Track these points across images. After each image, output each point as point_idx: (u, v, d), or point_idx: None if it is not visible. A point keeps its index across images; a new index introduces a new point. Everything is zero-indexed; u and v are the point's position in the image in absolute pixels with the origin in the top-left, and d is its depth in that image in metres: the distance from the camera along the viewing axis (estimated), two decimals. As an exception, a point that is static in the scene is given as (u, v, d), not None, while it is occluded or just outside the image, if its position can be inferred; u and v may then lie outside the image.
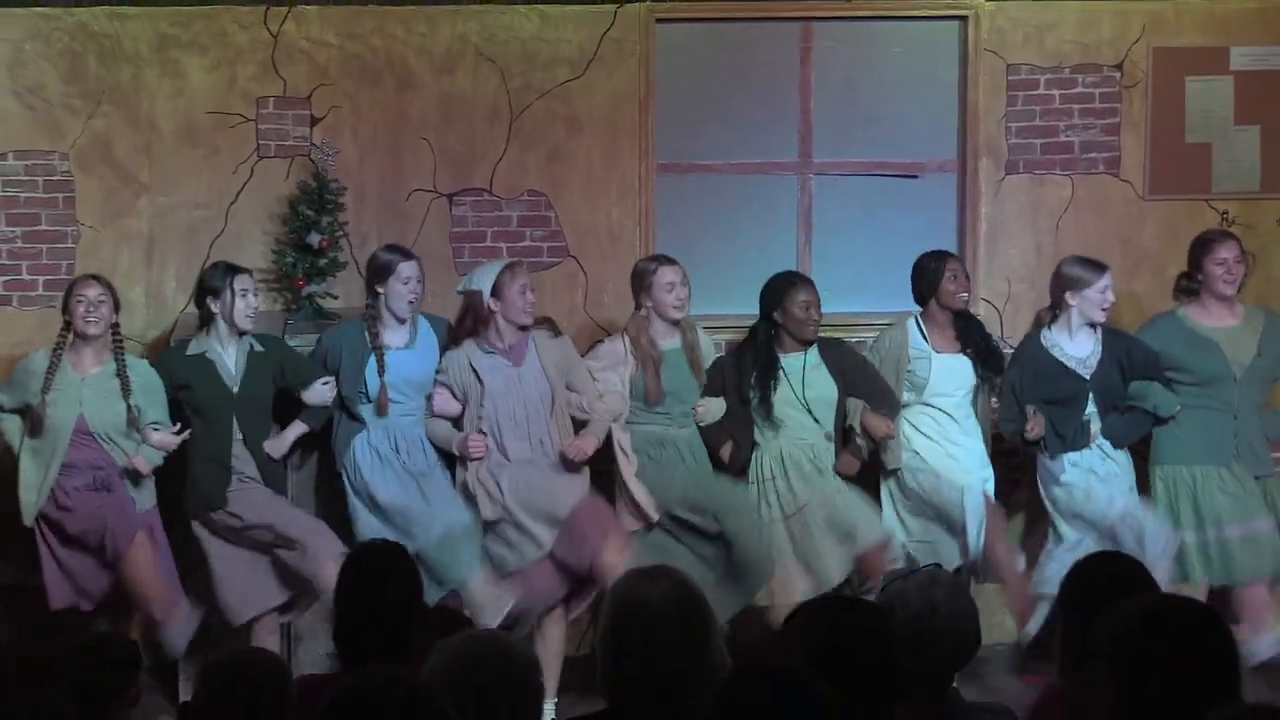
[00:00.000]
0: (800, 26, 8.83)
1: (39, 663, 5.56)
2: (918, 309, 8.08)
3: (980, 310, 8.73)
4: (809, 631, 3.93)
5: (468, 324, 7.77)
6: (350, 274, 8.44)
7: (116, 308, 7.71)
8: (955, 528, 7.92)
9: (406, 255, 7.83)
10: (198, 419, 7.70)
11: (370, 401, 7.74)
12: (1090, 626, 3.89)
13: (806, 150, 8.92)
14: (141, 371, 7.76)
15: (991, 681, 8.01)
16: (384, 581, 4.86)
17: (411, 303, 7.76)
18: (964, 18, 8.81)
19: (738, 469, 8.00)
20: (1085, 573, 4.68)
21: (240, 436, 7.72)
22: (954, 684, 4.55)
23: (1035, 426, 7.82)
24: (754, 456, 7.98)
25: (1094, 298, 7.90)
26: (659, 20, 8.71)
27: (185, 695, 7.41)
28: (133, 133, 8.58)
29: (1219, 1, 8.84)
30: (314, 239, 8.34)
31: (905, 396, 8.00)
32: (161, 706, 7.58)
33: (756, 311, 7.97)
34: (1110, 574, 4.60)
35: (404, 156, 8.69)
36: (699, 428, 8.01)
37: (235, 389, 7.69)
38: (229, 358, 7.71)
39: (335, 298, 8.38)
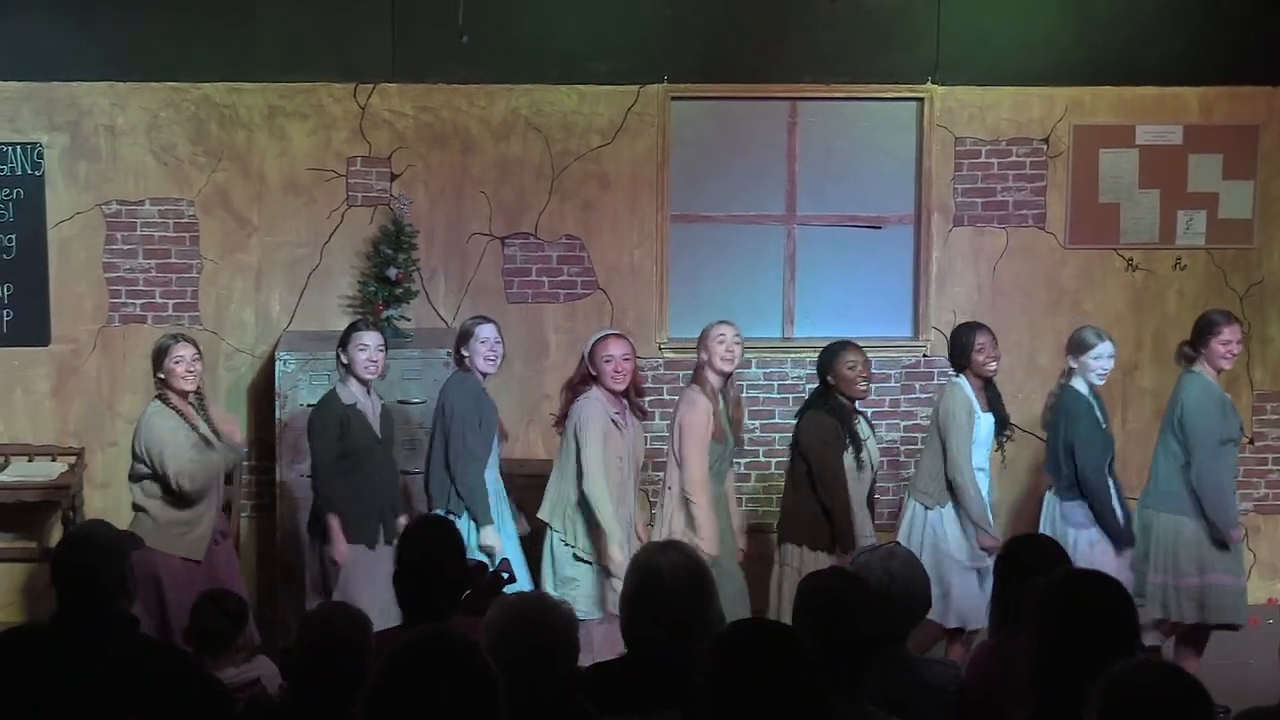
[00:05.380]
0: (788, 104, 8.83)
1: None
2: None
3: (931, 337, 8.73)
4: (815, 596, 4.03)
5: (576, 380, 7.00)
6: (420, 301, 8.48)
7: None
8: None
9: (485, 320, 7.20)
10: (350, 460, 6.98)
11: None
12: (1018, 595, 3.91)
13: (791, 204, 8.91)
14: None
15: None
16: (435, 546, 4.82)
17: (490, 359, 7.09)
18: (921, 99, 8.81)
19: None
20: (1014, 551, 4.69)
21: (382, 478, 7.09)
22: (907, 640, 4.56)
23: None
24: None
25: (1090, 364, 7.14)
26: (674, 98, 8.71)
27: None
28: (246, 184, 8.60)
29: (1127, 89, 8.84)
30: (392, 272, 8.37)
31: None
32: (266, 651, 7.53)
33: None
34: (1034, 552, 4.61)
35: (466, 206, 8.70)
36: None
37: (380, 435, 7.08)
38: (367, 407, 7.08)
39: (408, 320, 8.40)
